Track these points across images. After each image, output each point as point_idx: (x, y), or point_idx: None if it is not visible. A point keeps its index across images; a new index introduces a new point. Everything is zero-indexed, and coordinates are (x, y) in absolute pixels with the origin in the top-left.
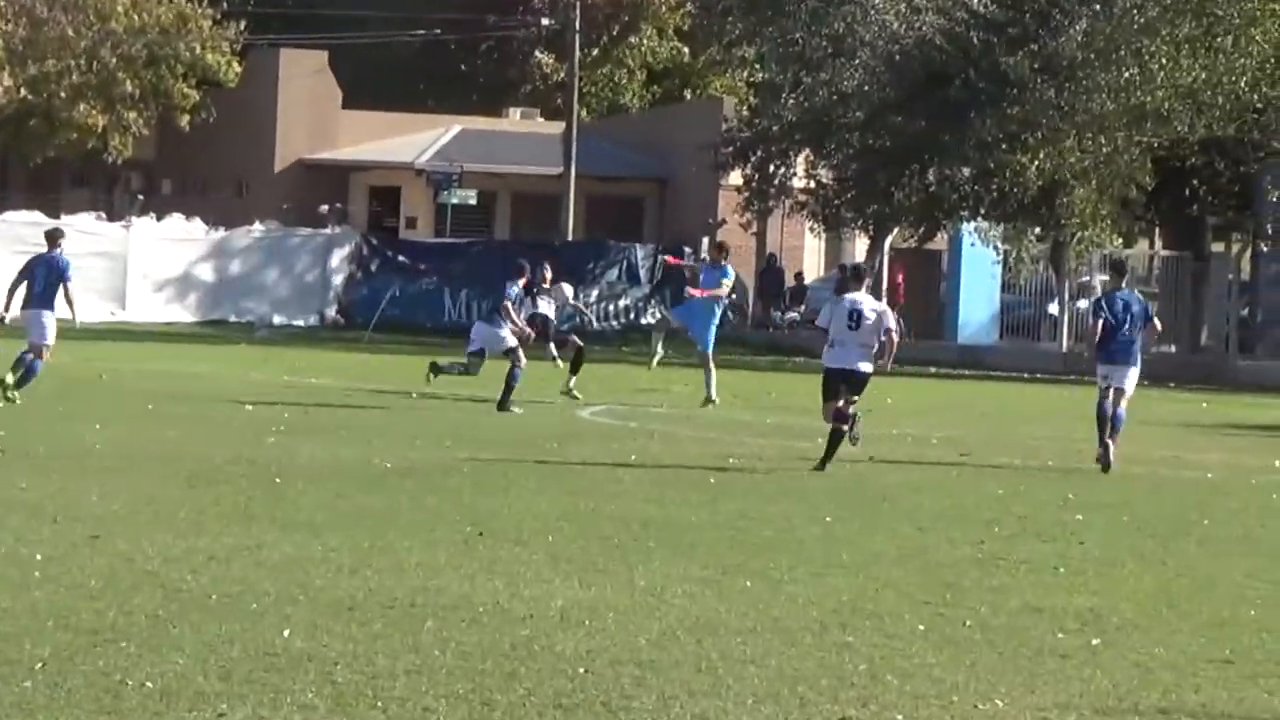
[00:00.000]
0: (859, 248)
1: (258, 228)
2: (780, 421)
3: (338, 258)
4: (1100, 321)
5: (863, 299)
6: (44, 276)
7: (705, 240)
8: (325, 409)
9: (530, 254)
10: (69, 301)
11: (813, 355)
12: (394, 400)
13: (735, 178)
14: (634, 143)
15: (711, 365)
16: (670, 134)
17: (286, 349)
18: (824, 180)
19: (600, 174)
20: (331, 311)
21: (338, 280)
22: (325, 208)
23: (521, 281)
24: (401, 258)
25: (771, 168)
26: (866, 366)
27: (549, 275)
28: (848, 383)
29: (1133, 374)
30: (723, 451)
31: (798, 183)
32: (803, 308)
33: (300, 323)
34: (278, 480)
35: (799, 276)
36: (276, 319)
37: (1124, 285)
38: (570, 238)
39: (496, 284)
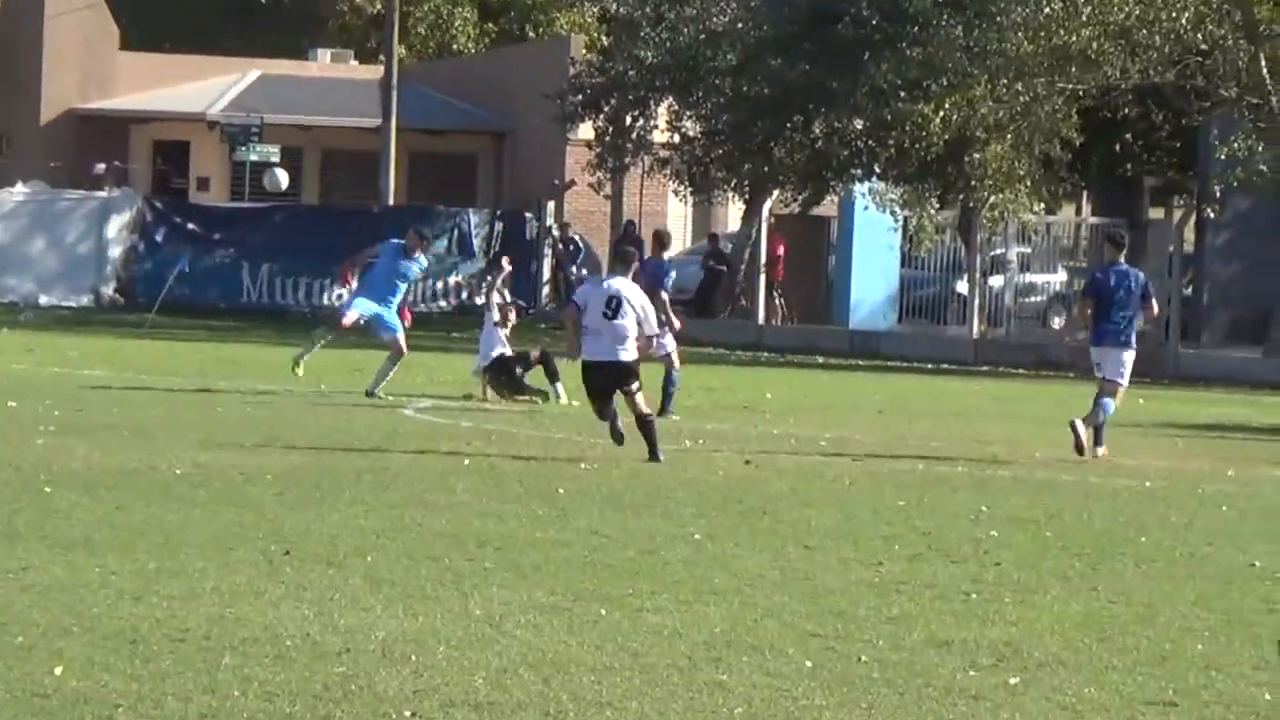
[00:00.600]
0: (733, 213)
1: (20, 190)
2: None
3: (116, 225)
4: (1090, 300)
5: (627, 288)
6: None
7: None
8: (103, 405)
9: (346, 220)
10: None
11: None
12: (184, 396)
13: (585, 131)
14: (466, 90)
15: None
16: (509, 80)
17: (56, 334)
18: (690, 134)
19: (426, 126)
20: (109, 290)
21: (116, 252)
22: (101, 166)
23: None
24: (192, 225)
25: (628, 119)
26: (627, 355)
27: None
28: (612, 375)
29: (1127, 358)
30: (573, 455)
31: (659, 137)
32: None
33: (71, 303)
34: (47, 490)
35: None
36: (43, 299)
37: (1121, 259)
38: (391, 202)
39: (304, 257)
